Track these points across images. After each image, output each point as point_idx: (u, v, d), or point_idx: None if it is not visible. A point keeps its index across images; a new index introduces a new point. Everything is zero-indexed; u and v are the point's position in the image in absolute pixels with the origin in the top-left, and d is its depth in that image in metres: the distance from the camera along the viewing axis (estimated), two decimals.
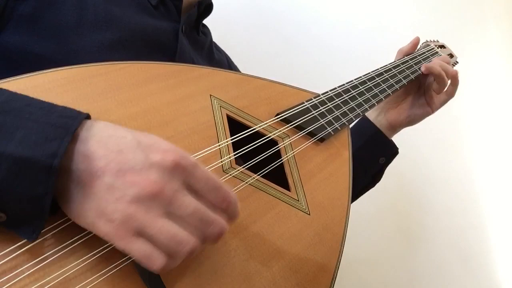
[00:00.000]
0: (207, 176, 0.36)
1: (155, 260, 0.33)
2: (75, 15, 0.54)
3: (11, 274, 0.32)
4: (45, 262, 0.34)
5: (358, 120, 0.86)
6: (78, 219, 0.34)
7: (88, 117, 0.36)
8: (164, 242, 0.34)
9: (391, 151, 0.86)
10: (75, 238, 0.36)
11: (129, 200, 0.32)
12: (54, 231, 0.35)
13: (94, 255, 0.36)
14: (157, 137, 0.36)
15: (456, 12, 1.78)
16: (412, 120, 0.87)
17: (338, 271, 0.52)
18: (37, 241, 0.34)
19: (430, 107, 0.85)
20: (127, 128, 0.36)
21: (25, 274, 0.33)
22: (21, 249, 0.33)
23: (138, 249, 0.33)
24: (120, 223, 0.32)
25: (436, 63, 0.83)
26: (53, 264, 0.34)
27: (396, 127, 0.87)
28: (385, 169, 0.86)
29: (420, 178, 1.56)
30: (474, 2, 1.86)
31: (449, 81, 0.84)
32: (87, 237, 0.36)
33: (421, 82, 0.87)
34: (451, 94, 0.84)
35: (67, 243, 0.35)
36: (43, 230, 0.34)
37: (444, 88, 0.83)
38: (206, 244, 0.37)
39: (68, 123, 0.33)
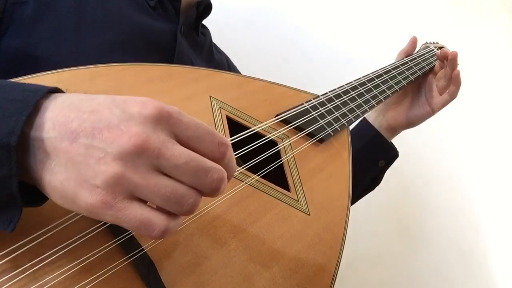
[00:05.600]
0: (196, 121, 0.32)
1: (156, 224, 0.30)
2: (74, 17, 0.54)
3: (11, 274, 0.32)
4: (44, 262, 0.34)
5: (357, 123, 0.86)
6: (55, 194, 0.30)
7: (56, 90, 0.33)
8: (162, 200, 0.30)
9: (391, 154, 0.85)
10: (75, 238, 0.36)
11: (112, 158, 0.28)
12: (53, 231, 0.35)
13: (94, 254, 0.36)
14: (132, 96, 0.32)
15: (456, 12, 1.78)
16: (412, 122, 0.86)
17: (338, 271, 0.52)
18: (37, 241, 0.34)
19: (430, 107, 0.84)
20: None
21: (24, 274, 0.33)
22: (21, 249, 0.33)
23: (133, 214, 0.29)
24: (107, 187, 0.29)
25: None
26: (53, 263, 0.34)
27: (395, 129, 0.86)
28: (385, 172, 0.85)
29: (420, 178, 1.56)
30: (474, 2, 1.86)
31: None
32: (86, 237, 0.36)
33: (420, 83, 0.88)
34: (453, 94, 0.83)
35: (66, 243, 0.35)
36: (44, 230, 0.34)
37: (449, 85, 0.83)
38: (207, 197, 0.33)
39: (30, 96, 0.30)
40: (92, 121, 0.30)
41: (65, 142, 0.29)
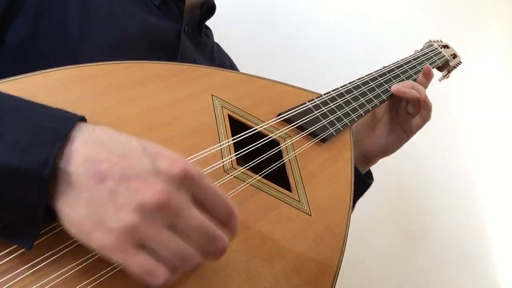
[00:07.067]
0: (214, 188, 0.35)
1: (158, 276, 0.31)
2: (79, 13, 0.54)
3: (11, 274, 0.32)
4: (45, 262, 0.34)
5: None
6: (70, 227, 0.32)
7: (82, 119, 0.34)
8: (168, 257, 0.32)
9: (365, 186, 0.81)
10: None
11: (133, 208, 0.30)
12: (54, 232, 0.35)
13: (95, 255, 0.36)
14: (162, 146, 0.34)
15: (456, 12, 1.78)
16: (387, 150, 0.80)
17: (340, 271, 0.51)
18: (37, 241, 0.34)
19: (405, 133, 0.79)
20: (129, 134, 0.34)
21: (25, 274, 0.33)
22: (21, 249, 0.33)
23: (139, 262, 0.31)
24: (121, 233, 0.30)
25: (405, 85, 0.76)
26: (53, 264, 0.34)
27: (371, 159, 0.81)
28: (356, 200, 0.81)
29: (420, 178, 1.56)
30: (475, 2, 1.86)
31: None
32: None
33: (392, 108, 0.81)
34: (426, 118, 0.78)
35: (67, 243, 0.35)
36: (44, 230, 0.34)
37: (419, 110, 0.76)
38: (208, 261, 0.35)
39: (61, 125, 0.32)
40: (122, 167, 0.31)
41: (92, 180, 0.30)
